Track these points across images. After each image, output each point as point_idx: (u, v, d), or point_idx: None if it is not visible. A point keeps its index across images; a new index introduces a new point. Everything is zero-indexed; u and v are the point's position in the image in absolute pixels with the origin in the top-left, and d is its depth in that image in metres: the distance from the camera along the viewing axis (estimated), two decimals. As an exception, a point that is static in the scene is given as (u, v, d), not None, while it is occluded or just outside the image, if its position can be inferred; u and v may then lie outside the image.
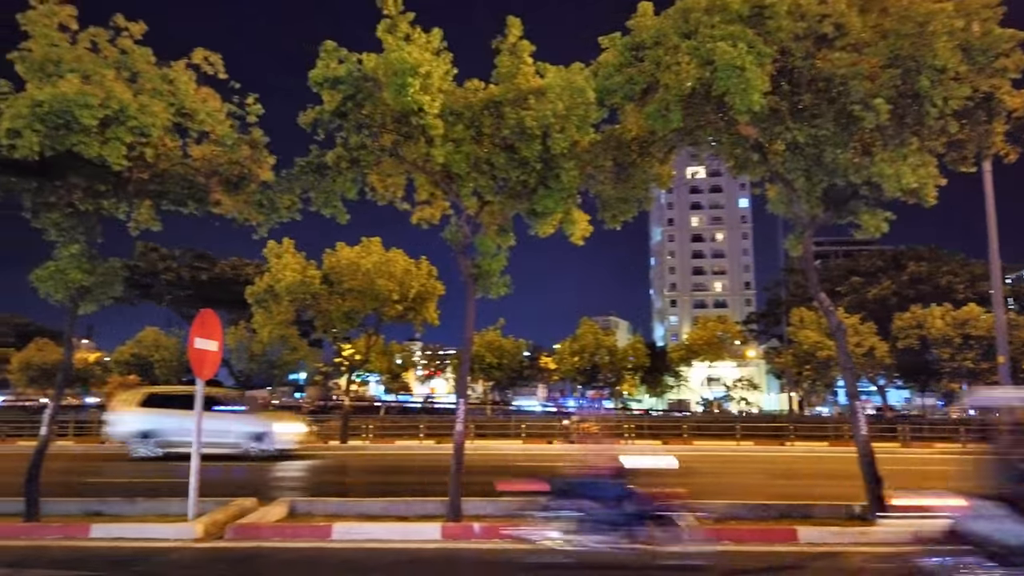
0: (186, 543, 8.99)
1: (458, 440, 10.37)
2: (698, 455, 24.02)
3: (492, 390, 55.58)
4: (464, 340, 11.07)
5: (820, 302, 11.02)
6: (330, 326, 28.77)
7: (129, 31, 9.58)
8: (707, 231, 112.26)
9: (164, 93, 9.49)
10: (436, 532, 9.37)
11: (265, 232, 11.08)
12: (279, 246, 27.48)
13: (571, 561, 7.61)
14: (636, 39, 9.46)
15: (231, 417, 20.89)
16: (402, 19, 9.38)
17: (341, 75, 9.40)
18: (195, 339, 10.24)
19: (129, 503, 10.99)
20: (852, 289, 52.36)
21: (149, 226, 10.81)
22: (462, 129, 9.83)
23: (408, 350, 66.36)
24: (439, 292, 28.64)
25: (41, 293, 10.03)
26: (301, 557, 8.47)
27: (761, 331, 72.80)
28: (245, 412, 21.67)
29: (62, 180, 9.94)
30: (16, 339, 53.85)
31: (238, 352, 39.19)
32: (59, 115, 8.37)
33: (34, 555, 8.56)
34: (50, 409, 10.75)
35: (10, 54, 8.93)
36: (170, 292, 51.88)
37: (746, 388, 63.09)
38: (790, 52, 9.18)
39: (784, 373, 49.22)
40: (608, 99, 9.69)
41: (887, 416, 44.38)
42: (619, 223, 11.20)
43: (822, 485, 15.67)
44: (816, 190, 10.70)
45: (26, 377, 47.06)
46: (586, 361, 47.82)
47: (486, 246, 10.58)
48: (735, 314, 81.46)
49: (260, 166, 10.63)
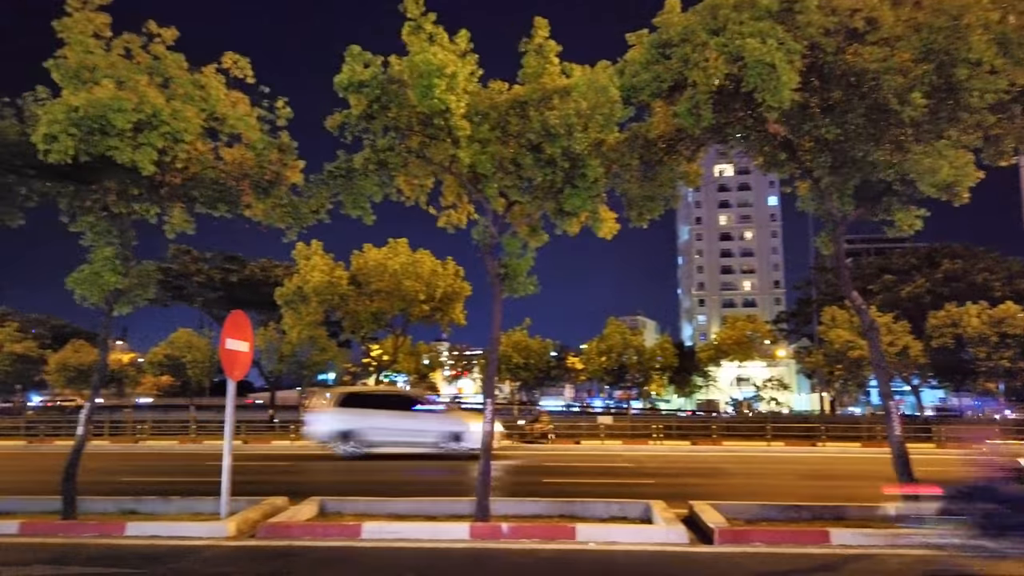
0: (218, 541, 9.11)
1: (486, 440, 10.38)
2: (728, 456, 23.82)
3: (519, 390, 55.61)
4: (491, 340, 11.08)
5: (852, 300, 10.85)
6: (358, 327, 29.04)
7: (161, 37, 9.75)
8: (736, 229, 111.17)
9: (196, 98, 9.63)
10: (465, 532, 9.39)
11: (294, 236, 11.20)
12: (308, 248, 27.79)
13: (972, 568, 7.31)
14: (663, 36, 9.39)
15: (430, 417, 21.40)
16: (425, 20, 9.40)
17: (366, 79, 9.45)
18: (226, 340, 10.36)
19: (163, 502, 11.17)
20: (885, 287, 51.52)
21: (184, 229, 10.97)
22: (488, 129, 9.85)
23: (435, 350, 66.65)
24: (466, 292, 28.76)
25: (76, 297, 10.22)
26: (332, 556, 8.54)
27: (791, 330, 71.89)
28: (443, 412, 22.17)
29: (97, 184, 10.14)
30: (53, 340, 54.97)
31: (268, 353, 39.63)
32: (94, 120, 8.53)
33: (72, 552, 8.73)
34: (86, 409, 10.96)
35: (47, 61, 9.13)
36: (201, 294, 52.69)
37: (776, 388, 62.38)
38: (820, 47, 9.06)
39: (815, 373, 48.59)
40: (635, 97, 9.63)
41: (922, 416, 43.60)
42: (646, 221, 11.14)
43: (855, 487, 15.43)
44: (847, 187, 10.55)
45: (63, 378, 47.99)
46: (614, 361, 47.66)
47: (513, 246, 10.58)
48: (764, 313, 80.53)
49: (289, 169, 10.76)
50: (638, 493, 12.57)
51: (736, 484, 16.21)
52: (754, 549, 8.75)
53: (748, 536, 9.19)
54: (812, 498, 11.85)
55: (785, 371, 72.13)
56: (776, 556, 8.50)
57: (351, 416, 21.13)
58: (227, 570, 8.00)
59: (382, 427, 20.94)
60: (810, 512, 10.57)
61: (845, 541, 8.95)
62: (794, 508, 10.70)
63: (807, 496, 12.41)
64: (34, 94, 9.69)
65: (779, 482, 16.57)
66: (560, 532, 9.38)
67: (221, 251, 54.31)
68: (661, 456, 23.08)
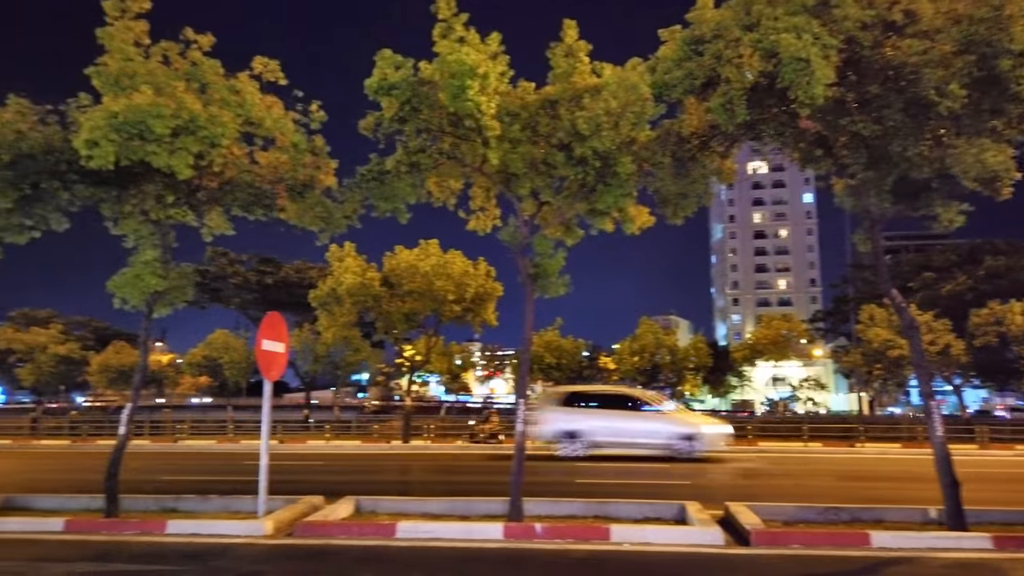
0: (256, 539, 9.24)
1: (519, 440, 10.38)
2: (764, 456, 23.52)
3: (552, 390, 55.46)
4: (523, 340, 11.08)
5: (892, 299, 10.64)
6: (391, 327, 29.22)
7: (198, 43, 9.92)
8: (770, 227, 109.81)
9: (232, 103, 9.79)
10: (498, 532, 9.40)
11: (326, 239, 11.34)
12: (341, 250, 28.03)
13: None
14: (696, 32, 9.30)
15: (660, 417, 21.15)
16: (456, 21, 9.43)
17: (396, 81, 9.50)
18: (263, 341, 10.51)
19: (202, 500, 11.36)
20: (925, 285, 50.46)
21: (223, 231, 11.15)
22: (518, 130, 9.85)
23: (467, 351, 66.78)
24: (497, 293, 28.76)
25: (117, 300, 10.44)
26: (368, 554, 8.61)
27: (828, 329, 70.76)
28: (672, 412, 21.82)
29: (136, 189, 10.35)
30: (95, 342, 56.23)
31: (303, 353, 40.14)
32: (133, 126, 8.71)
33: (114, 549, 8.92)
34: (128, 409, 11.19)
35: (88, 68, 9.34)
36: (238, 295, 53.55)
37: (813, 388, 61.44)
38: (857, 41, 8.89)
39: (853, 372, 47.70)
40: (667, 94, 9.54)
41: (964, 416, 42.63)
42: (681, 218, 11.03)
43: (895, 488, 15.16)
44: (885, 183, 10.34)
45: (105, 379, 49.04)
46: (646, 361, 47.30)
47: (544, 246, 10.56)
48: (800, 312, 79.31)
49: (323, 173, 10.89)
50: (673, 494, 12.47)
51: (772, 485, 16.00)
52: (792, 551, 8.63)
53: (785, 538, 9.07)
54: (851, 500, 11.66)
55: (822, 371, 70.99)
56: (815, 559, 8.37)
57: (576, 416, 20.83)
58: (265, 568, 8.11)
59: (609, 427, 20.57)
60: (849, 514, 10.40)
61: (886, 544, 8.79)
62: (832, 510, 10.53)
63: (845, 498, 12.21)
64: (76, 101, 9.92)
65: (816, 483, 16.32)
66: (594, 533, 9.34)
67: (257, 253, 55.16)
68: (695, 456, 22.85)
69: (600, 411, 20.92)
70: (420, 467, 20.98)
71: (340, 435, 34.65)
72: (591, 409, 21.05)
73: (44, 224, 10.54)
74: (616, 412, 21.07)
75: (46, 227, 10.58)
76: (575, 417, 20.80)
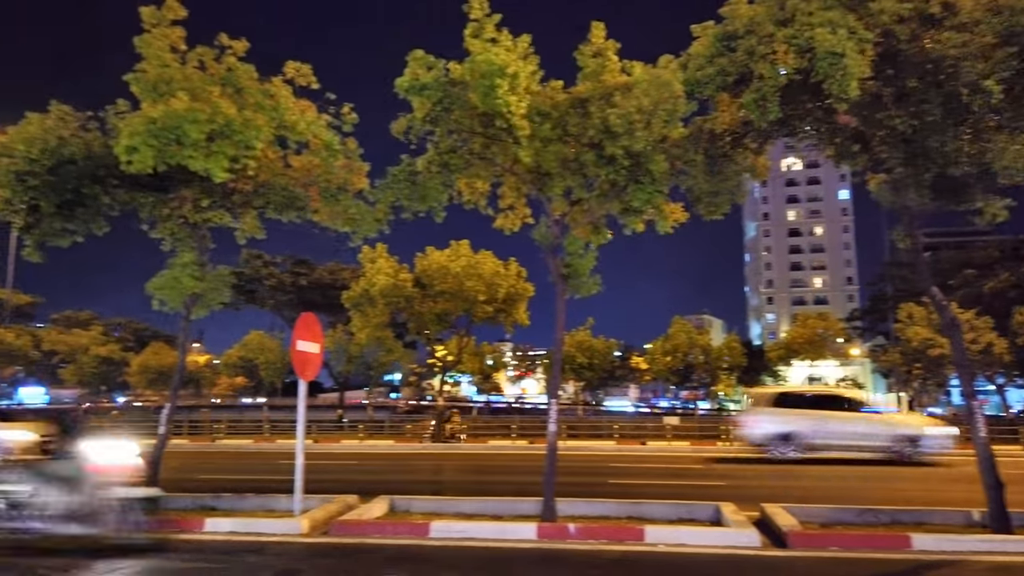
0: (292, 538, 9.35)
1: (551, 441, 10.37)
2: (800, 457, 23.17)
3: (583, 390, 55.38)
4: (555, 340, 11.07)
5: (932, 297, 10.42)
6: (423, 328, 29.42)
7: (233, 49, 10.09)
8: (805, 224, 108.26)
9: (266, 107, 9.93)
10: (532, 532, 9.40)
11: (359, 240, 11.45)
12: (373, 251, 28.28)
13: None
14: (728, 28, 9.20)
15: (879, 419, 20.85)
16: (488, 21, 9.46)
17: (428, 82, 9.55)
18: (298, 342, 10.63)
19: (239, 499, 11.53)
20: (965, 282, 49.33)
21: (255, 235, 11.32)
22: (549, 128, 9.84)
23: (499, 351, 66.93)
24: (528, 293, 28.79)
25: (155, 302, 10.65)
26: (403, 554, 8.66)
27: (866, 328, 69.52)
28: (892, 414, 21.47)
29: (174, 193, 10.55)
30: (135, 343, 57.45)
31: (337, 354, 40.53)
32: (171, 131, 8.88)
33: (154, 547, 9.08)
34: (167, 409, 11.41)
35: (126, 75, 9.55)
36: (273, 297, 54.26)
37: (850, 388, 60.45)
38: (893, 35, 8.72)
39: (892, 372, 46.92)
40: (699, 91, 9.46)
41: (1007, 417, 41.60)
42: (716, 215, 10.92)
43: (936, 490, 14.85)
44: (924, 179, 10.13)
45: (144, 379, 50.13)
46: (679, 361, 47.02)
47: (575, 246, 10.54)
48: (837, 311, 78.09)
49: (355, 175, 11.00)
50: (707, 495, 12.35)
51: (809, 486, 15.77)
52: (830, 554, 8.50)
53: (823, 540, 8.93)
54: (890, 501, 11.44)
55: (859, 370, 69.81)
56: (854, 561, 8.23)
57: (790, 417, 20.22)
58: (301, 566, 8.21)
59: (825, 430, 19.85)
60: (889, 516, 10.21)
61: (927, 547, 8.61)
62: (871, 511, 10.35)
63: (885, 499, 11.98)
64: (115, 107, 10.15)
65: (855, 484, 16.05)
66: (628, 533, 9.29)
67: (291, 255, 55.85)
68: (731, 457, 22.63)
69: (815, 412, 20.14)
70: (453, 466, 21.06)
71: (373, 435, 34.95)
72: (805, 410, 20.29)
73: (85, 228, 10.79)
74: (832, 413, 20.32)
75: (87, 231, 10.84)
76: (789, 419, 20.04)
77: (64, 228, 10.51)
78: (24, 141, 9.76)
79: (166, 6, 9.75)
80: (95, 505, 8.61)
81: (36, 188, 9.86)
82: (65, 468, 8.82)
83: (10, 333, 46.34)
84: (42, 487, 8.77)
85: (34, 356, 49.72)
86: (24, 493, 8.78)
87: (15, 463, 9.52)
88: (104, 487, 8.63)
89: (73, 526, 8.63)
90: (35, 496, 8.76)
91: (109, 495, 8.62)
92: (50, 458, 9.38)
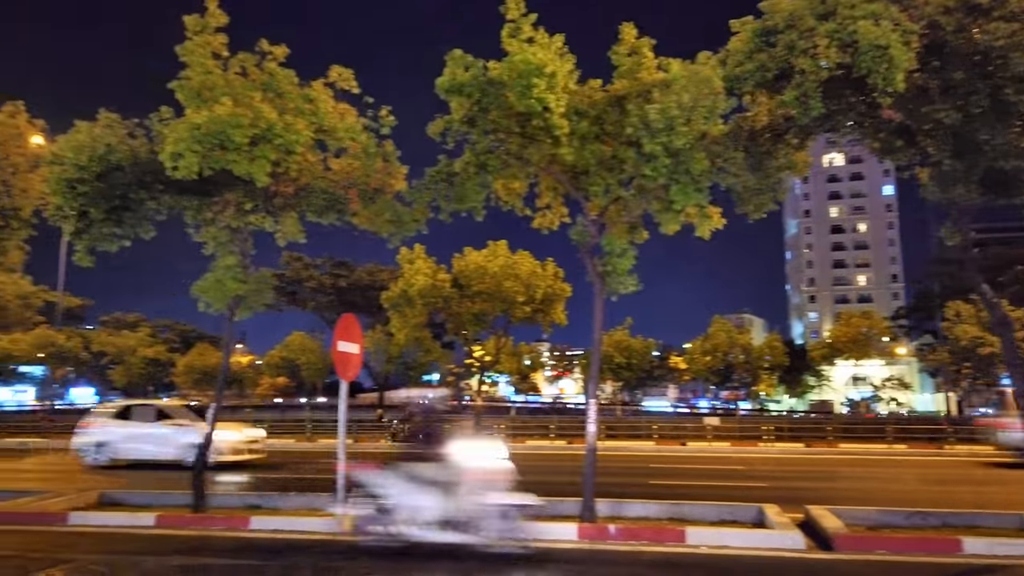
0: (335, 536, 9.46)
1: (590, 441, 10.33)
2: (845, 459, 22.78)
3: (621, 390, 55.04)
4: (593, 340, 11.02)
5: (981, 294, 10.15)
6: (461, 328, 29.55)
7: (273, 54, 10.26)
8: (848, 221, 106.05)
9: (306, 112, 10.08)
10: (572, 532, 9.37)
11: (397, 242, 11.55)
12: (411, 252, 28.48)
13: None
14: (768, 23, 9.07)
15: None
16: (524, 21, 9.47)
17: (466, 81, 9.59)
18: (338, 342, 10.75)
19: (283, 497, 11.72)
20: (1016, 279, 47.88)
21: (295, 238, 11.49)
22: (586, 127, 9.81)
23: (536, 351, 66.89)
24: (566, 293, 28.73)
25: (201, 304, 10.88)
26: (443, 552, 8.69)
27: (912, 327, 67.96)
28: None
29: (218, 197, 10.76)
30: (181, 344, 58.73)
31: (376, 354, 40.91)
32: (215, 136, 9.06)
33: (202, 544, 9.29)
34: (213, 409, 11.64)
35: (171, 83, 9.77)
36: (313, 298, 55.05)
37: (896, 388, 59.11)
38: (939, 26, 8.51)
39: (939, 371, 45.78)
40: (738, 87, 9.35)
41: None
42: (760, 214, 10.78)
43: (988, 492, 14.45)
44: (973, 173, 9.86)
45: (190, 379, 51.19)
46: (719, 361, 46.47)
47: (613, 245, 10.48)
48: (882, 309, 76.33)
49: (394, 177, 11.10)
50: (749, 496, 12.19)
51: (855, 488, 15.47)
52: (877, 557, 8.32)
53: (870, 543, 8.75)
54: (940, 504, 11.15)
55: (906, 370, 68.30)
56: (902, 565, 8.05)
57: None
58: (343, 564, 8.31)
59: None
60: (938, 519, 9.95)
61: (979, 551, 8.37)
62: (920, 514, 10.10)
63: (934, 502, 11.68)
64: (159, 114, 10.39)
65: (902, 487, 15.70)
66: (669, 535, 9.21)
67: (331, 257, 56.57)
68: (772, 458, 22.33)
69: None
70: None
71: (413, 435, 35.09)
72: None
73: (132, 233, 11.06)
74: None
75: (134, 236, 11.11)
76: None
77: (113, 233, 10.78)
78: (74, 149, 10.04)
79: (208, 13, 9.95)
80: (472, 511, 8.11)
81: (86, 195, 10.14)
82: (439, 472, 8.32)
83: (62, 335, 47.69)
84: (414, 491, 8.34)
85: (84, 357, 51.11)
86: (395, 497, 8.39)
87: (383, 467, 8.78)
88: (481, 492, 8.12)
89: (449, 533, 8.17)
90: (406, 501, 8.34)
91: (487, 501, 8.11)
92: (422, 461, 8.52)
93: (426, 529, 8.27)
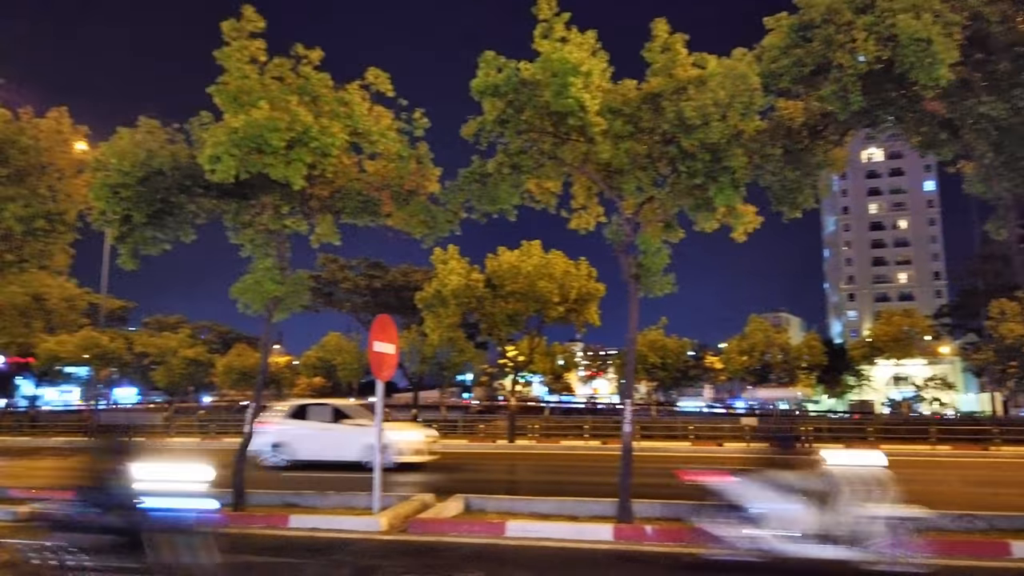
0: (372, 535, 9.55)
1: (626, 441, 10.28)
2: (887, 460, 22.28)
3: (656, 391, 54.62)
4: (628, 340, 10.97)
5: (1029, 291, 9.87)
6: (494, 328, 29.57)
7: (308, 58, 10.37)
8: (888, 218, 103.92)
9: (341, 115, 10.18)
10: (608, 533, 9.34)
11: (431, 242, 11.63)
12: (444, 253, 28.57)
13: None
14: (804, 18, 8.94)
15: None
16: (557, 21, 9.45)
17: (500, 82, 9.61)
18: (374, 343, 10.84)
19: (321, 496, 11.84)
20: (1065, 275, 46.42)
21: (330, 240, 11.62)
22: (621, 125, 9.76)
23: (570, 351, 66.67)
24: (599, 293, 28.58)
25: (240, 306, 11.05)
26: (479, 552, 8.73)
27: (955, 325, 66.35)
28: None
29: (255, 200, 10.93)
30: (220, 345, 59.72)
31: (411, 354, 41.10)
32: (252, 140, 9.21)
33: (242, 541, 9.41)
34: (252, 409, 11.82)
35: (210, 87, 9.94)
36: (349, 299, 55.56)
37: (939, 388, 57.69)
38: (983, 17, 8.31)
39: (984, 371, 44.61)
40: (774, 83, 9.23)
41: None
42: (799, 212, 10.62)
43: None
44: (1019, 167, 9.61)
45: (229, 380, 51.98)
46: (756, 360, 45.76)
47: (648, 243, 10.41)
48: (923, 307, 74.65)
49: (427, 179, 11.17)
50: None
51: (898, 490, 15.12)
52: (925, 560, 8.12)
53: (918, 547, 8.54)
54: (986, 507, 10.86)
55: (949, 369, 66.60)
56: (948, 569, 7.86)
57: None
58: (380, 563, 8.37)
59: None
60: (985, 522, 9.71)
61: (1029, 555, 8.14)
62: (967, 517, 9.86)
63: (981, 504, 11.38)
64: (199, 119, 10.58)
65: (946, 489, 15.32)
66: (706, 536, 9.09)
67: (366, 258, 57.05)
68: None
69: None
70: (526, 466, 21.10)
71: (447, 434, 35.29)
72: None
73: (174, 236, 11.29)
74: None
75: (176, 239, 11.34)
76: None
77: (155, 236, 11.02)
78: (116, 155, 10.28)
79: (245, 18, 10.10)
80: (855, 524, 7.47)
81: (128, 199, 10.37)
82: (811, 480, 7.69)
83: (105, 336, 48.73)
84: (783, 501, 7.67)
85: (127, 358, 52.18)
86: (761, 508, 7.72)
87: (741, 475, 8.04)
88: (863, 503, 7.53)
89: (829, 548, 7.46)
90: (776, 512, 7.66)
91: (872, 513, 7.51)
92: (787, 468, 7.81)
93: (801, 543, 7.56)
